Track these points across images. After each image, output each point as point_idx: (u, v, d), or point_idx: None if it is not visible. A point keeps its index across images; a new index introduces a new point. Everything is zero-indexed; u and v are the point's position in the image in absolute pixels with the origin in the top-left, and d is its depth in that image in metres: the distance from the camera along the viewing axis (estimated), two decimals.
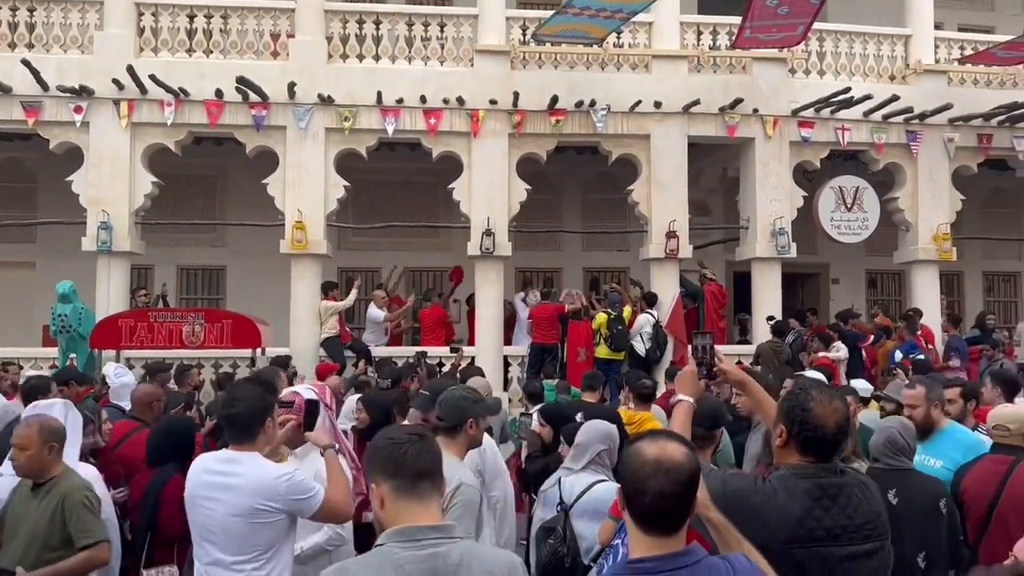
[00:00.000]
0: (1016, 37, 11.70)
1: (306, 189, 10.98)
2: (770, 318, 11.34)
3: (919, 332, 11.10)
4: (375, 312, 11.46)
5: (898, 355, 10.04)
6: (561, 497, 3.87)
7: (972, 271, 15.78)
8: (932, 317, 11.90)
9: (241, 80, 10.55)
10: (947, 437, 4.27)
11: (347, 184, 11.24)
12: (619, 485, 1.98)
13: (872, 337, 11.20)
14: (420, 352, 10.35)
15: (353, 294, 11.26)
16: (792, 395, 2.37)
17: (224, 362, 10.32)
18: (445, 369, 10.08)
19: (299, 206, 10.90)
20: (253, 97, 10.82)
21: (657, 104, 11.51)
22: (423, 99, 11.10)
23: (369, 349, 10.53)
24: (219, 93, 10.77)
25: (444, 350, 11.05)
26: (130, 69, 10.46)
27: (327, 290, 11.06)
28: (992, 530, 3.69)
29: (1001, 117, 12.18)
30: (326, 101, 10.97)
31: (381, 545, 2.00)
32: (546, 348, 11.06)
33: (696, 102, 11.49)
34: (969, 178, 12.77)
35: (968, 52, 12.55)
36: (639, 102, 11.42)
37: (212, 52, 11.21)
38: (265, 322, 10.45)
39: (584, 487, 3.86)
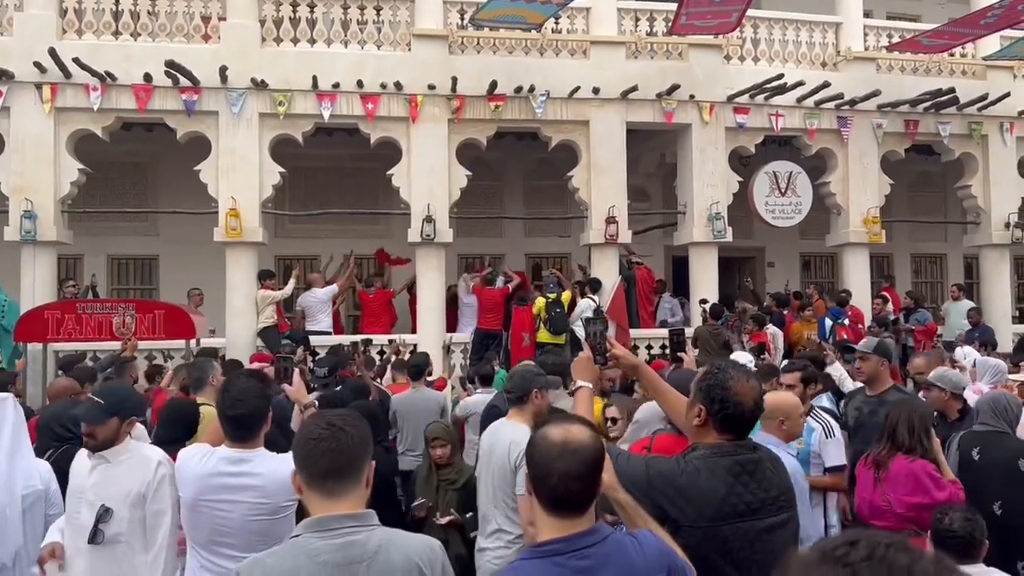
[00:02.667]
0: (940, 25, 12.09)
1: (240, 176, 10.74)
2: (703, 301, 11.54)
3: (848, 312, 11.47)
4: (321, 292, 11.29)
5: (828, 322, 10.34)
6: None
7: (901, 253, 16.28)
8: (863, 298, 12.27)
9: (170, 64, 10.25)
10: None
11: (283, 170, 11.04)
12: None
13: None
14: (365, 339, 10.29)
15: (291, 283, 11.09)
16: (710, 375, 2.41)
17: (158, 354, 10.08)
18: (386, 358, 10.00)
19: (233, 193, 10.66)
20: (184, 82, 10.52)
21: (596, 90, 11.56)
22: (360, 84, 10.95)
23: (308, 337, 10.38)
24: (148, 77, 10.45)
25: (387, 338, 10.98)
26: (52, 52, 10.08)
27: (264, 279, 10.85)
28: None
29: (927, 103, 12.55)
30: (260, 86, 10.74)
31: (297, 536, 1.99)
32: (490, 334, 11.06)
33: (634, 88, 11.57)
34: (897, 163, 13.15)
35: (896, 40, 12.89)
36: (578, 88, 11.46)
37: (140, 35, 10.86)
38: (199, 312, 10.23)
39: None
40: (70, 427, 4.19)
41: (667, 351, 11.11)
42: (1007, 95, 12.73)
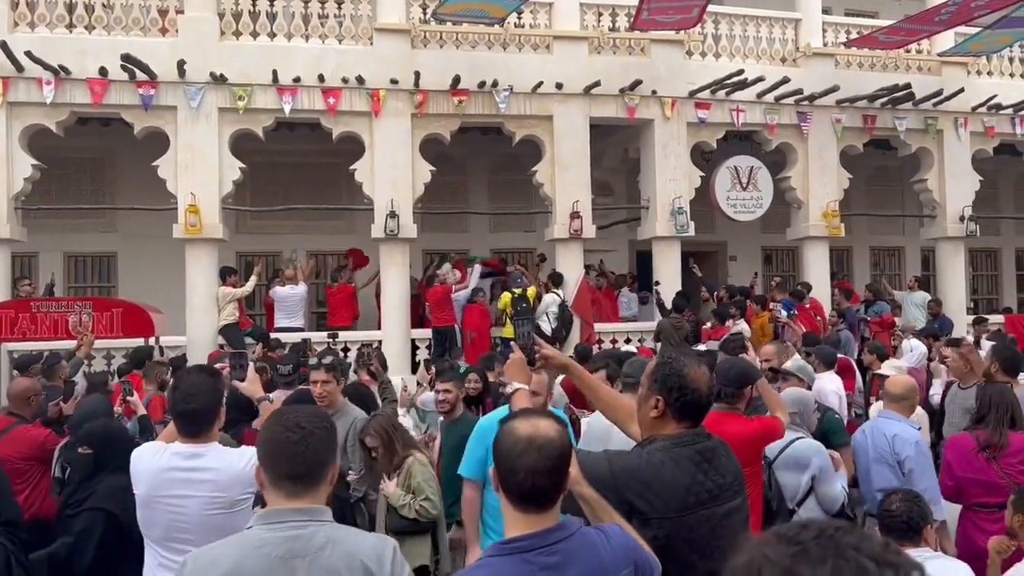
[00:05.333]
0: (896, 22, 12.29)
1: (199, 171, 10.58)
2: (656, 283, 11.95)
3: (807, 304, 11.64)
4: (300, 288, 11.18)
5: (783, 313, 10.52)
6: (764, 452, 4.28)
7: (860, 246, 16.58)
8: (823, 291, 12.46)
9: (126, 58, 10.05)
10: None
11: (243, 166, 10.89)
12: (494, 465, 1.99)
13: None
14: (332, 333, 10.23)
15: (253, 280, 10.97)
16: (664, 365, 2.42)
17: (117, 352, 9.90)
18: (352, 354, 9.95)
19: (192, 189, 10.50)
20: (140, 76, 10.33)
21: (559, 85, 11.58)
22: (321, 78, 10.84)
23: (268, 334, 10.27)
24: (103, 71, 10.25)
25: (357, 334, 10.95)
26: (3, 45, 9.83)
27: (225, 276, 10.72)
28: None
29: (884, 99, 12.76)
30: (219, 80, 10.59)
31: (250, 527, 1.98)
32: (439, 330, 11.01)
33: (597, 83, 11.61)
34: (855, 157, 13.36)
35: (853, 36, 13.08)
36: (541, 83, 11.46)
37: (94, 28, 10.63)
38: (159, 310, 10.08)
39: (785, 443, 4.39)
40: None
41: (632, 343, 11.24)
42: (961, 91, 12.99)
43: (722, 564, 1.09)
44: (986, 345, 9.18)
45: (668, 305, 11.43)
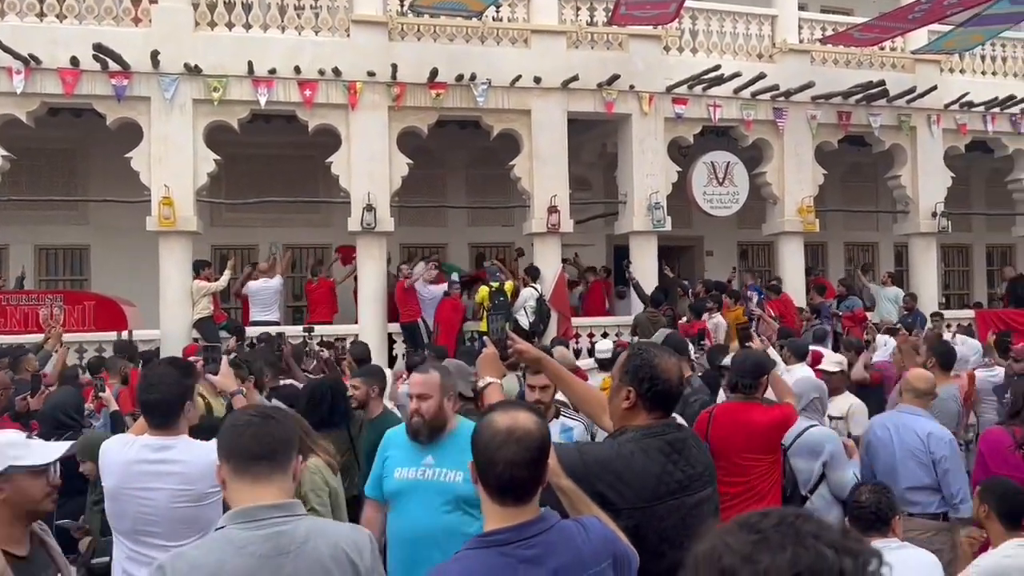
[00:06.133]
0: (871, 19, 12.40)
1: (173, 163, 10.47)
2: (627, 263, 12.15)
3: (781, 298, 11.77)
4: (275, 281, 11.10)
5: (755, 299, 10.64)
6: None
7: (834, 242, 16.72)
8: (798, 286, 12.57)
9: (99, 47, 9.91)
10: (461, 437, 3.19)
11: (218, 158, 10.79)
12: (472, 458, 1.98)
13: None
14: (307, 328, 10.17)
15: (227, 274, 10.88)
16: (634, 356, 2.44)
17: (89, 346, 9.78)
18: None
19: (166, 181, 10.38)
20: (113, 66, 10.19)
21: (537, 79, 11.57)
22: (297, 70, 10.76)
23: (242, 327, 10.20)
24: (75, 61, 10.10)
25: (334, 328, 10.89)
26: None
27: (199, 269, 10.62)
28: None
29: (858, 95, 12.88)
30: (193, 71, 10.47)
31: (222, 528, 1.95)
32: (405, 326, 10.96)
33: (575, 78, 11.62)
34: (830, 153, 13.47)
35: (829, 33, 13.19)
36: (519, 77, 11.45)
37: (66, 17, 10.47)
38: (131, 303, 9.97)
39: (800, 430, 4.47)
40: (73, 415, 4.18)
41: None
42: (934, 88, 13.14)
43: None
44: (958, 339, 9.33)
45: (645, 290, 11.51)
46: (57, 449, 2.43)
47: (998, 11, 11.04)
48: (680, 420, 3.49)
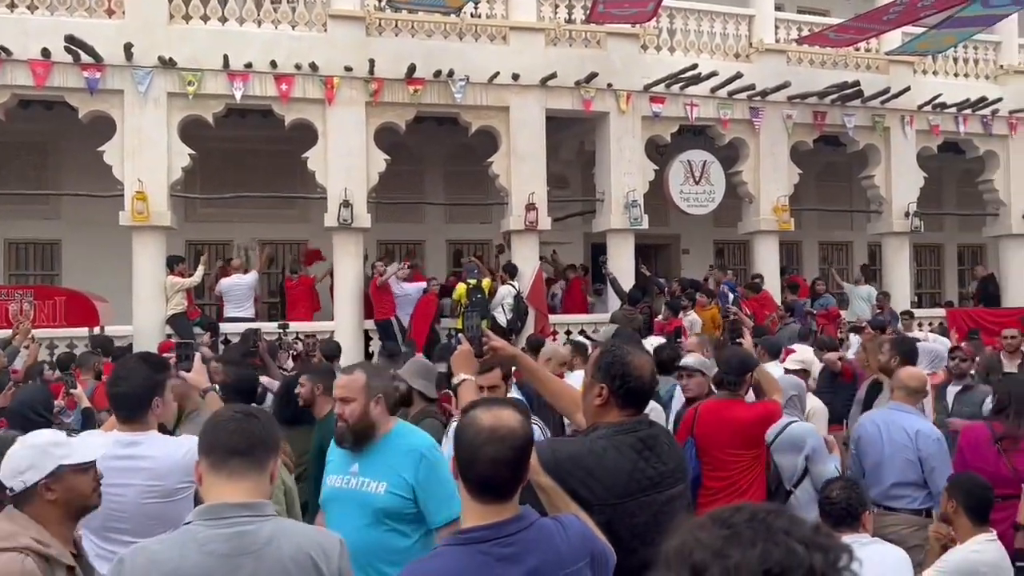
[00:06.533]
0: (846, 20, 12.52)
1: (147, 157, 10.34)
2: (603, 260, 12.34)
3: (760, 296, 11.88)
4: (248, 278, 10.99)
5: (730, 296, 10.74)
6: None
7: (809, 240, 16.88)
8: (773, 284, 12.67)
9: (70, 39, 9.77)
10: (390, 445, 2.99)
11: (193, 152, 10.68)
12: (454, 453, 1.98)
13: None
14: (282, 324, 10.09)
15: (200, 270, 10.78)
16: (608, 353, 2.45)
17: (60, 342, 9.65)
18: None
19: (140, 175, 10.26)
20: (85, 58, 10.05)
21: (515, 76, 11.57)
22: (274, 64, 10.67)
23: (217, 324, 10.11)
24: (46, 53, 9.95)
25: (308, 325, 10.83)
26: None
27: (173, 265, 10.52)
28: None
29: (833, 96, 13.00)
30: (167, 64, 10.35)
31: (188, 523, 1.94)
32: (378, 323, 10.92)
33: (553, 75, 11.62)
34: (805, 153, 13.59)
35: (805, 33, 13.30)
36: (497, 73, 11.44)
37: (37, 8, 10.32)
38: (103, 298, 9.84)
39: (782, 426, 4.55)
40: (42, 411, 4.12)
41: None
42: (907, 89, 13.29)
43: None
44: (930, 338, 9.46)
45: (623, 286, 11.56)
46: (100, 444, 2.48)
47: (970, 14, 11.19)
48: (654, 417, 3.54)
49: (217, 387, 3.54)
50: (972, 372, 6.09)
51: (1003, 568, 3.69)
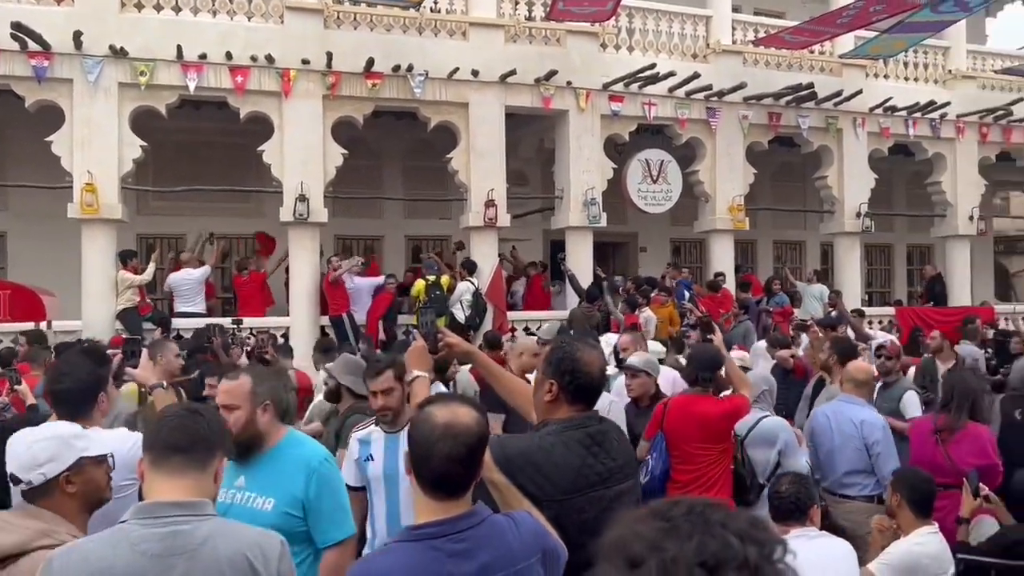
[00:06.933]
0: (801, 23, 12.72)
1: (97, 148, 10.10)
2: (562, 258, 12.32)
3: (720, 293, 12.04)
4: (197, 272, 10.79)
5: (686, 294, 10.89)
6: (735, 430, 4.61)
7: (764, 239, 17.14)
8: (728, 282, 12.83)
9: (17, 26, 9.49)
10: (279, 457, 2.83)
11: (144, 144, 10.46)
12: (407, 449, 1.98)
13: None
14: (236, 320, 9.95)
15: (152, 266, 10.57)
16: (558, 349, 2.46)
17: (4, 337, 9.38)
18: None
19: (89, 167, 10.02)
20: (33, 46, 9.77)
21: (475, 72, 11.54)
22: (229, 55, 10.49)
23: (168, 320, 9.92)
24: None
25: (263, 320, 10.69)
26: None
27: (126, 259, 10.29)
28: None
29: (788, 97, 13.20)
30: (119, 53, 10.11)
31: (123, 522, 1.90)
32: (333, 319, 10.83)
33: (513, 72, 11.62)
34: (760, 153, 13.79)
35: (761, 35, 13.48)
36: (457, 69, 11.39)
37: None
38: (51, 292, 9.60)
39: (754, 421, 4.72)
40: None
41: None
42: (860, 92, 13.55)
43: None
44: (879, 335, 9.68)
45: (581, 283, 11.62)
46: (113, 437, 2.48)
47: (920, 19, 11.45)
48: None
49: (164, 384, 3.46)
50: (898, 369, 6.30)
51: (944, 560, 3.80)
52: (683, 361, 7.48)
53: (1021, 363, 5.71)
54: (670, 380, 5.72)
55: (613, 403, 4.75)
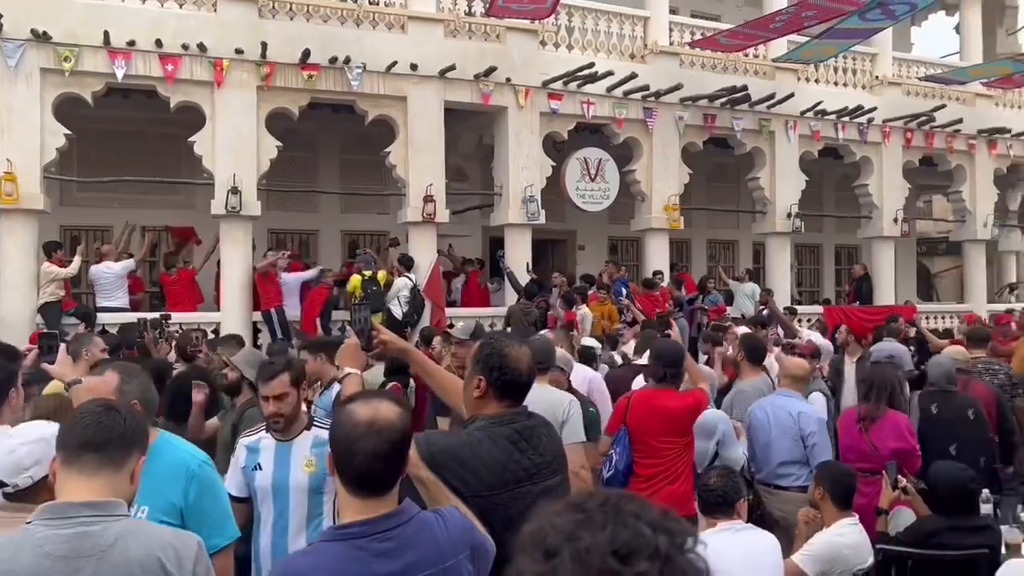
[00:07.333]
0: (736, 26, 12.98)
1: (17, 136, 9.70)
2: (500, 256, 12.38)
3: (658, 292, 12.21)
4: (117, 265, 10.44)
5: (623, 291, 11.05)
6: None
7: (698, 239, 17.47)
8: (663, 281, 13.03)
9: None
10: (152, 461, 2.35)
11: (69, 132, 10.08)
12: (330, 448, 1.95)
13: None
14: (164, 315, 9.65)
15: (77, 260, 10.20)
16: (486, 345, 2.47)
17: None
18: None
19: (9, 155, 9.61)
20: None
21: (414, 66, 11.45)
22: (159, 43, 10.19)
23: (91, 314, 9.59)
24: None
25: (194, 316, 10.41)
26: None
27: (51, 251, 9.92)
28: None
29: (723, 99, 13.46)
30: (41, 38, 9.72)
31: (29, 523, 1.82)
32: (264, 314, 10.66)
33: (452, 67, 11.57)
34: (696, 154, 14.02)
35: (698, 37, 13.70)
36: (395, 63, 11.29)
37: None
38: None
39: None
40: None
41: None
42: (791, 95, 13.89)
43: None
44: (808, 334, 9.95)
45: (521, 280, 11.66)
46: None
47: (849, 26, 11.80)
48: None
49: (82, 380, 3.34)
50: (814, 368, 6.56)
51: (864, 550, 3.93)
52: (618, 359, 7.59)
53: (937, 360, 5.90)
54: (585, 379, 5.73)
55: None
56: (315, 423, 3.45)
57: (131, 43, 10.07)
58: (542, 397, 4.31)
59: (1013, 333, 9.19)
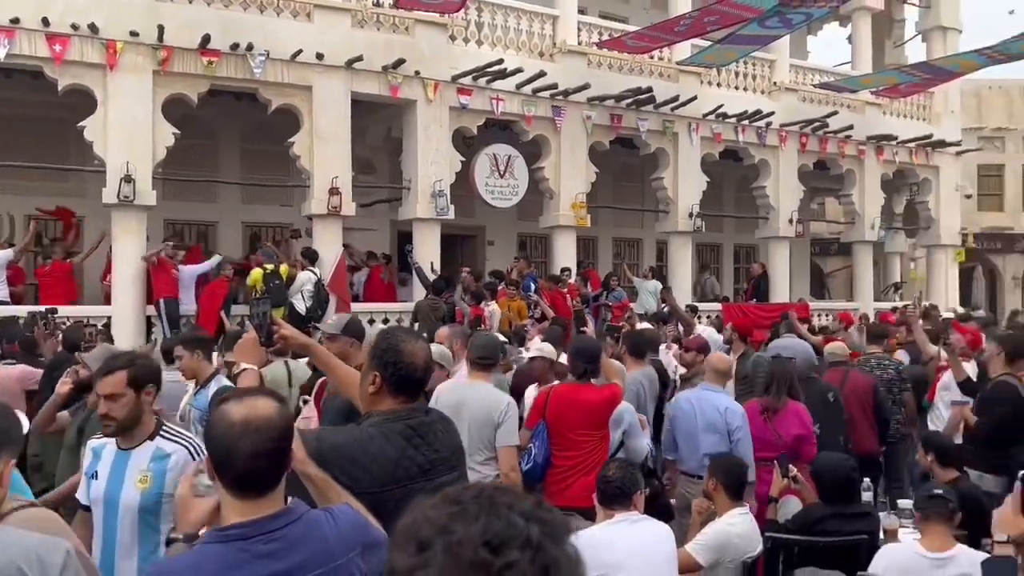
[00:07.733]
0: (642, 28, 13.24)
1: None
2: (408, 249, 12.41)
3: (565, 288, 12.35)
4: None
5: (531, 286, 11.25)
6: None
7: (604, 236, 17.76)
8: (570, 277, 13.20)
9: None
10: None
11: None
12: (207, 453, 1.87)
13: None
14: (50, 309, 9.15)
15: None
16: (382, 340, 2.44)
17: None
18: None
19: None
20: None
21: (319, 56, 11.21)
22: (46, 22, 9.65)
23: None
24: None
25: (82, 309, 9.90)
26: None
27: None
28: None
29: (629, 100, 13.71)
30: None
31: None
32: (155, 307, 10.30)
33: (359, 58, 11.39)
34: (603, 153, 14.25)
35: (605, 37, 13.91)
36: (300, 51, 11.02)
37: None
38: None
39: None
40: None
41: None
42: (695, 98, 14.27)
43: None
44: (702, 330, 10.27)
45: (428, 275, 11.59)
46: None
47: (749, 32, 12.19)
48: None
49: None
50: (700, 362, 6.80)
51: (753, 539, 4.08)
52: (525, 354, 7.61)
53: (796, 348, 6.33)
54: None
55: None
56: (162, 433, 3.02)
57: (15, 20, 9.51)
58: (480, 396, 4.36)
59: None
